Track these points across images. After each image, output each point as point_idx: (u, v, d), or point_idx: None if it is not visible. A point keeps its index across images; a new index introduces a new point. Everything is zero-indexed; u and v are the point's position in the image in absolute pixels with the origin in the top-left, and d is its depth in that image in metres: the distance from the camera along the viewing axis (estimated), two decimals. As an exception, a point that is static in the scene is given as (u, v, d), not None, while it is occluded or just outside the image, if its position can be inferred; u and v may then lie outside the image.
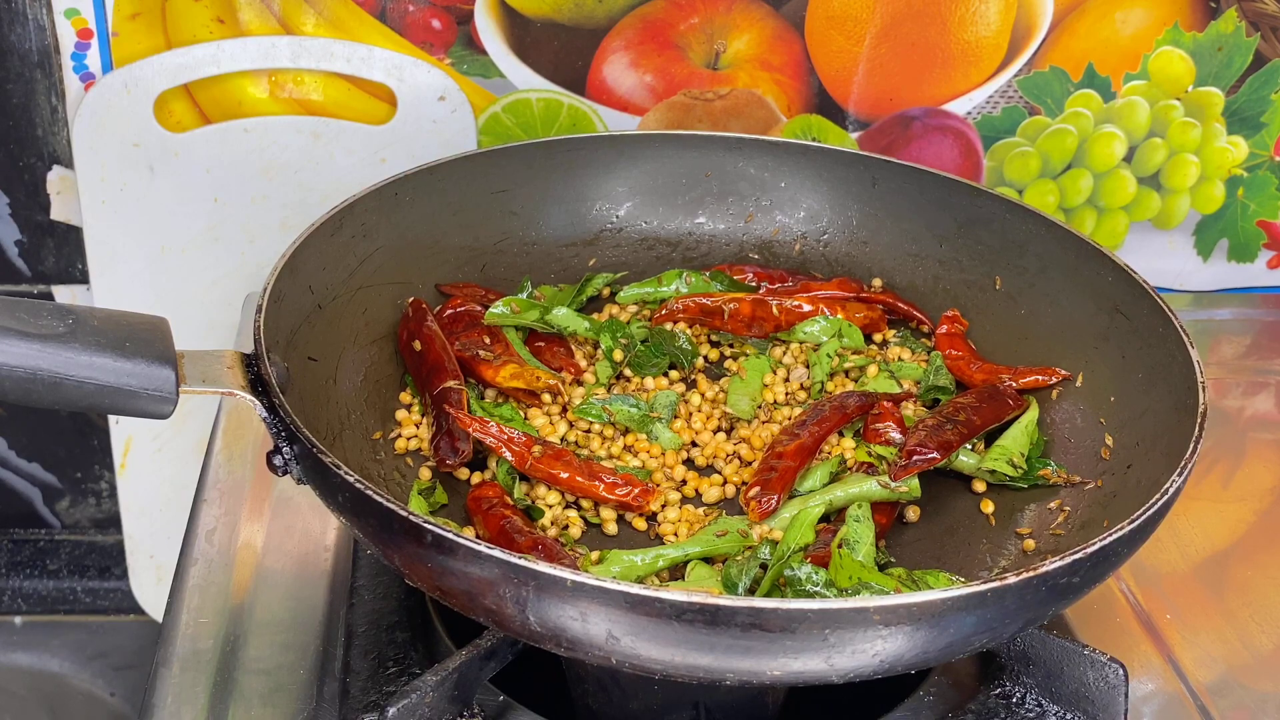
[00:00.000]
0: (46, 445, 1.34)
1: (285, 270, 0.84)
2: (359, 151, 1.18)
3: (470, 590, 0.66)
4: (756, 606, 0.62)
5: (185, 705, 0.78)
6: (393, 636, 0.82)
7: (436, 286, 0.97)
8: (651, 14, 1.16)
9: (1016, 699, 0.79)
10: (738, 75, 1.18)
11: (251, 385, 0.75)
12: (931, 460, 0.82)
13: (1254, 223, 1.27)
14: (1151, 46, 1.19)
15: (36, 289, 1.26)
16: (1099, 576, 0.70)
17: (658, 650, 0.64)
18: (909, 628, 0.64)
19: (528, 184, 1.02)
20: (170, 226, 1.18)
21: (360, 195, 0.93)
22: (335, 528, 0.93)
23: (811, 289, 0.99)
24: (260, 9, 1.14)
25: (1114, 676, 0.76)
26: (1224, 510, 1.01)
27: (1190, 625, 0.89)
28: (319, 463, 0.70)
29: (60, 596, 1.41)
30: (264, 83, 1.16)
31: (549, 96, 1.18)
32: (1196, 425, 0.76)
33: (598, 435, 0.88)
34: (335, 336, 0.88)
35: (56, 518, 1.39)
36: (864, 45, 1.17)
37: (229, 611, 0.85)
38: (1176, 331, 0.83)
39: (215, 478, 0.98)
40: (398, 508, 0.66)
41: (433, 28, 1.15)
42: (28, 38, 1.15)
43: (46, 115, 1.18)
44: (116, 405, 0.71)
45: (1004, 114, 1.21)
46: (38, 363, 0.69)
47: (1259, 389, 1.16)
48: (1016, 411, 0.88)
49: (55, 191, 1.22)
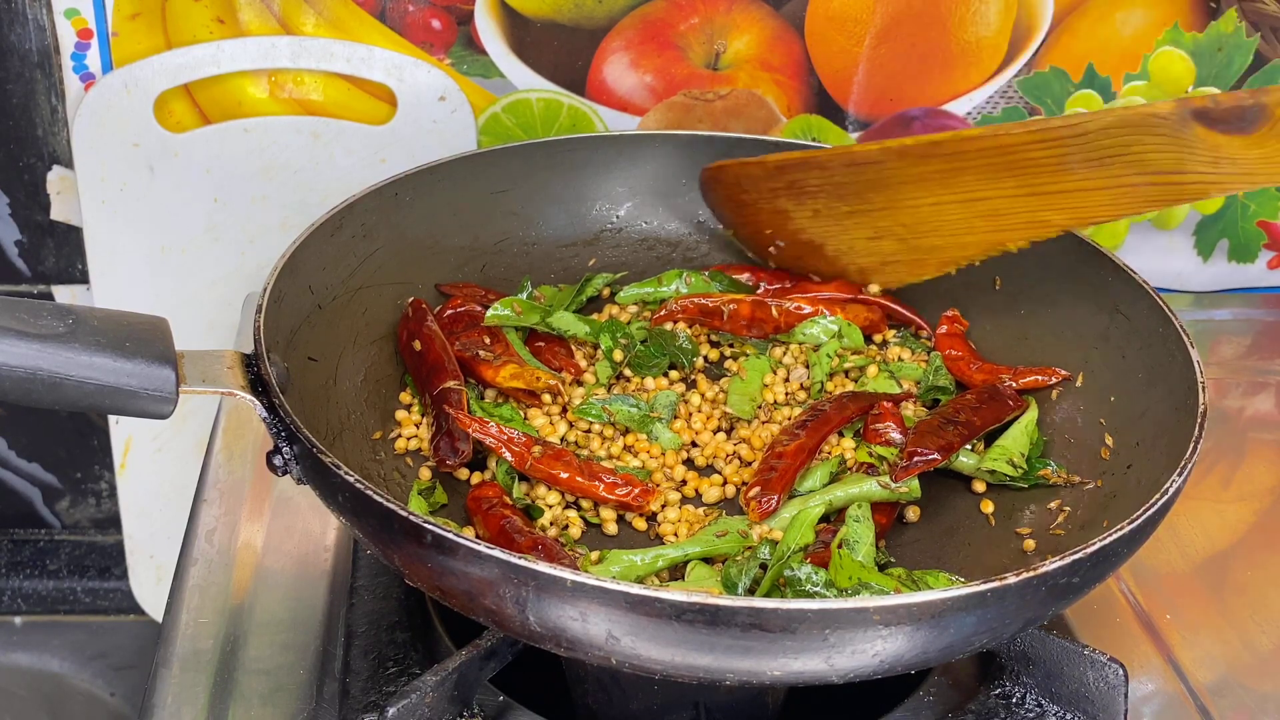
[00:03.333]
0: (46, 445, 1.34)
1: (285, 270, 0.84)
2: (359, 151, 1.18)
3: (470, 590, 0.66)
4: (756, 606, 0.62)
5: (185, 705, 0.78)
6: (393, 636, 0.82)
7: (436, 286, 0.97)
8: (651, 14, 1.16)
9: (1016, 699, 0.79)
10: (738, 75, 1.18)
11: (251, 385, 0.75)
12: (932, 461, 0.82)
13: (1254, 223, 1.27)
14: (1152, 47, 1.19)
15: (36, 289, 1.26)
16: (1099, 576, 0.70)
17: (658, 650, 0.64)
18: (909, 628, 0.63)
19: (528, 184, 1.02)
20: (170, 226, 1.18)
21: (360, 195, 0.93)
22: (335, 528, 0.93)
23: (810, 290, 0.99)
24: (260, 9, 1.14)
25: (1114, 676, 0.76)
26: (1224, 510, 1.01)
27: (1190, 625, 0.89)
28: (319, 463, 0.70)
29: (60, 596, 1.41)
30: (264, 83, 1.16)
31: (549, 96, 1.18)
32: (1196, 425, 0.76)
33: (597, 435, 0.88)
34: (335, 336, 0.88)
35: (56, 518, 1.39)
36: (864, 45, 1.17)
37: (229, 611, 0.85)
38: (1176, 331, 0.83)
39: (215, 478, 0.98)
40: (398, 508, 0.66)
41: (433, 28, 1.15)
42: (28, 38, 1.15)
43: (46, 115, 1.18)
44: (116, 405, 0.71)
45: (1004, 114, 1.21)
46: (38, 363, 0.69)
47: (1259, 389, 1.16)
48: (1016, 412, 0.88)
49: (55, 191, 1.22)
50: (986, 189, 0.88)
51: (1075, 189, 0.85)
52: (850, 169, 0.93)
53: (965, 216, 0.91)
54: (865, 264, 0.98)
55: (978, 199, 0.89)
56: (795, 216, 0.97)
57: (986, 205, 0.89)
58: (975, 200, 0.89)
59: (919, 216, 0.92)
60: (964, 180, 0.89)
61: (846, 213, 0.95)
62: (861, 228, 0.95)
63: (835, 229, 0.97)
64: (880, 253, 0.96)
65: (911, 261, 0.96)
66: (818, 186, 0.95)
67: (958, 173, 0.89)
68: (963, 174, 0.89)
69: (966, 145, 0.88)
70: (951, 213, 0.91)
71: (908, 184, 0.91)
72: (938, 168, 0.89)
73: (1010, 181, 0.87)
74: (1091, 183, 0.84)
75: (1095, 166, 0.83)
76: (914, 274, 0.97)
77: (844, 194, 0.95)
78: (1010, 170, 0.86)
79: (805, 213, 0.97)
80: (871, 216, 0.94)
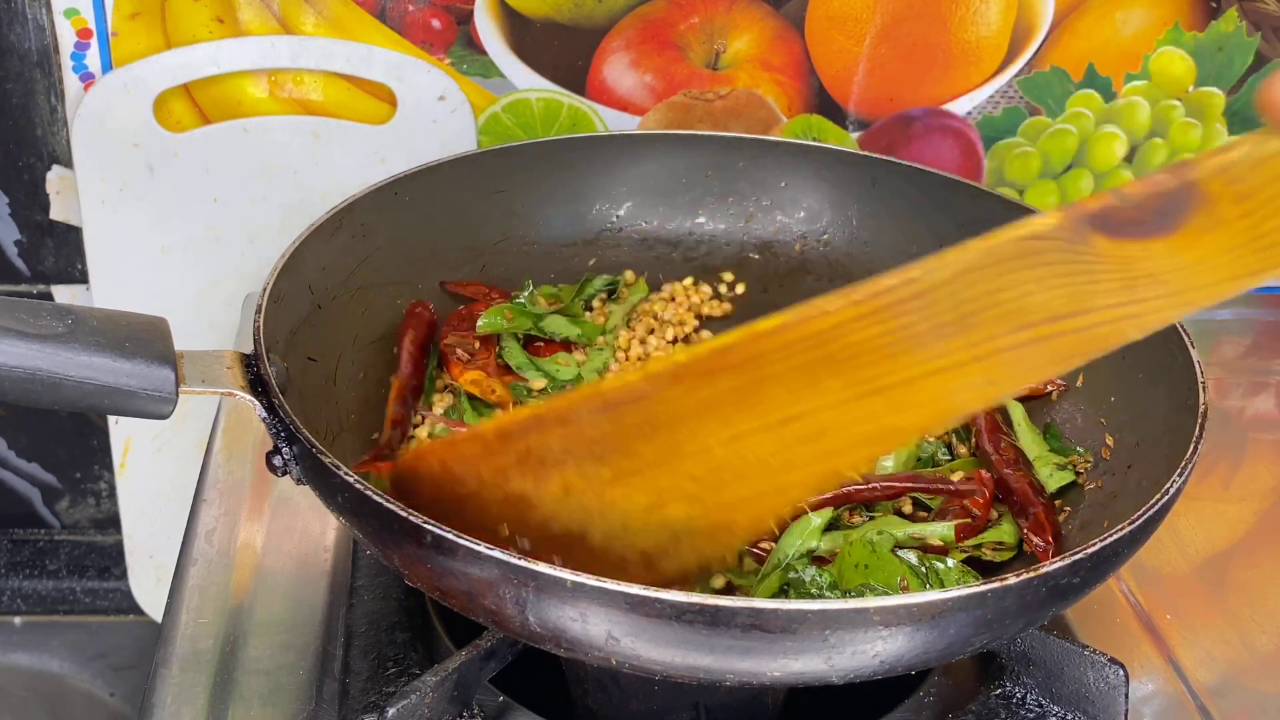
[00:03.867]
0: (46, 445, 1.34)
1: (285, 270, 0.84)
2: (359, 151, 1.17)
3: (470, 590, 0.66)
4: (756, 607, 0.62)
5: (185, 705, 0.78)
6: (393, 637, 0.82)
7: (441, 284, 0.97)
8: (651, 14, 1.16)
9: (1017, 699, 0.79)
10: (738, 75, 1.18)
11: (251, 385, 0.75)
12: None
13: (1254, 223, 1.26)
14: (1152, 46, 1.19)
15: (36, 289, 1.26)
16: (1099, 577, 0.70)
17: (658, 651, 0.64)
18: (909, 628, 0.63)
19: (528, 184, 1.02)
20: (170, 226, 1.18)
21: (360, 195, 0.93)
22: (335, 528, 0.93)
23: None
24: (260, 9, 1.14)
25: (1114, 677, 0.76)
26: (1224, 510, 1.00)
27: (1191, 625, 0.89)
28: (319, 463, 0.70)
29: (60, 597, 1.41)
30: (264, 83, 1.16)
31: (549, 96, 1.18)
32: (1197, 425, 0.76)
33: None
34: (335, 336, 0.88)
35: (56, 518, 1.39)
36: (864, 45, 1.17)
37: (229, 612, 0.85)
38: (1177, 331, 0.83)
39: (215, 478, 0.98)
40: (398, 508, 0.66)
41: (433, 28, 1.15)
42: (27, 37, 1.14)
43: (46, 115, 1.18)
44: (116, 405, 0.71)
45: (1004, 114, 1.21)
46: (37, 363, 0.69)
47: (1260, 389, 1.16)
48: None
49: (55, 191, 1.22)
50: (803, 400, 0.62)
51: (929, 373, 0.61)
52: (603, 415, 0.66)
53: (779, 448, 0.64)
54: (650, 546, 0.68)
55: (792, 418, 0.63)
56: (539, 502, 0.68)
57: (807, 425, 0.63)
58: (789, 421, 0.63)
59: (712, 464, 0.65)
60: (769, 396, 0.63)
61: (610, 480, 0.67)
62: (635, 495, 0.67)
63: (598, 507, 0.68)
64: (667, 525, 0.67)
65: (715, 527, 0.67)
66: (562, 450, 0.68)
67: (758, 386, 0.63)
68: (766, 386, 0.63)
69: (764, 343, 0.62)
70: (759, 447, 0.64)
71: (688, 419, 0.64)
72: (729, 385, 0.63)
73: (834, 383, 0.62)
74: (951, 357, 0.60)
75: (954, 333, 0.60)
76: (721, 543, 0.69)
77: (602, 453, 0.67)
78: (831, 367, 0.61)
79: (552, 492, 0.68)
80: (646, 477, 0.66)
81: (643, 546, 0.68)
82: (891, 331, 0.60)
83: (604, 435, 0.66)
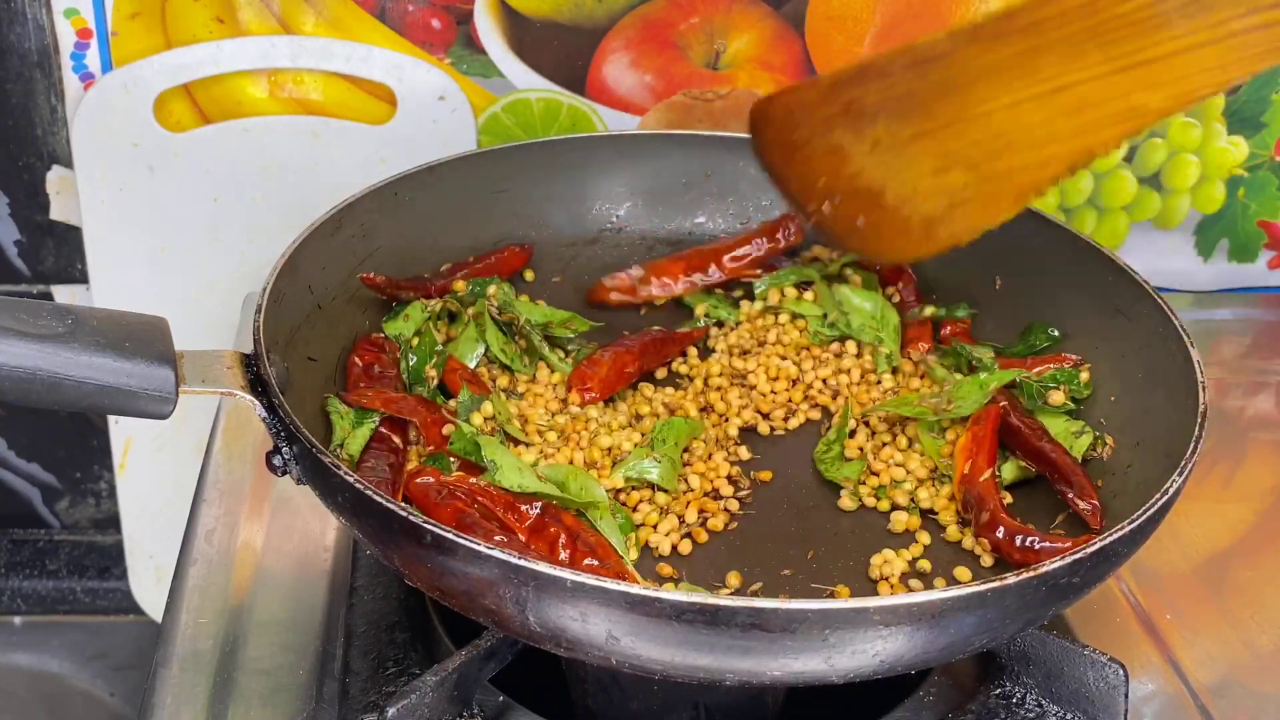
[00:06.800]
0: (46, 445, 1.34)
1: (285, 270, 0.84)
2: (359, 151, 1.17)
3: (470, 590, 0.66)
4: (756, 607, 0.62)
5: (185, 705, 0.78)
6: (392, 636, 0.82)
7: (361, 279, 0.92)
8: (651, 14, 1.16)
9: (1016, 699, 0.79)
10: (738, 75, 1.18)
11: (251, 385, 0.75)
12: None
13: (1254, 223, 1.27)
14: (1152, 46, 1.19)
15: (36, 289, 1.26)
16: (1099, 576, 0.70)
17: (658, 650, 0.64)
18: (909, 628, 0.64)
19: (528, 184, 1.02)
20: (170, 226, 1.18)
21: (360, 195, 0.93)
22: (335, 528, 0.93)
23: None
24: (260, 9, 1.14)
25: (1114, 677, 0.76)
26: (1224, 510, 1.00)
27: (1190, 625, 0.89)
28: (318, 463, 0.70)
29: (60, 596, 1.41)
30: (264, 82, 1.16)
31: (549, 96, 1.18)
32: (1197, 425, 0.76)
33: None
34: (335, 336, 0.88)
35: (56, 518, 1.39)
36: (864, 45, 1.17)
37: (228, 612, 0.85)
38: (1177, 331, 0.83)
39: (215, 478, 0.98)
40: (397, 508, 0.66)
41: (433, 27, 1.15)
42: (27, 37, 1.15)
43: (46, 115, 1.18)
44: (116, 405, 0.71)
45: (1004, 114, 1.21)
46: (37, 363, 0.69)
47: (1259, 389, 1.16)
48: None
49: (55, 191, 1.22)
50: (1070, 72, 0.76)
51: (1173, 52, 0.72)
52: (914, 70, 0.83)
53: (1046, 118, 0.79)
54: (931, 210, 0.85)
55: (1060, 88, 0.77)
56: (853, 154, 0.86)
57: (1070, 97, 0.77)
58: (1057, 91, 0.77)
59: (992, 129, 0.80)
60: (1044, 64, 0.77)
61: (910, 138, 0.84)
62: (926, 157, 0.83)
63: (897, 164, 0.84)
64: (948, 190, 0.83)
65: (985, 196, 0.83)
66: (878, 103, 0.85)
67: (1036, 54, 0.77)
68: (1041, 55, 0.77)
69: (1045, 9, 0.76)
70: (1030, 114, 0.79)
71: (979, 81, 0.80)
72: (1014, 50, 0.78)
73: (1096, 56, 0.75)
74: (1192, 38, 0.72)
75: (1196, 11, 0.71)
76: (987, 215, 0.84)
77: (907, 109, 0.84)
78: (1095, 39, 0.75)
79: (864, 146, 0.86)
80: (938, 139, 0.83)
81: (925, 211, 0.84)
82: (1149, 5, 0.72)
83: (910, 92, 0.83)
